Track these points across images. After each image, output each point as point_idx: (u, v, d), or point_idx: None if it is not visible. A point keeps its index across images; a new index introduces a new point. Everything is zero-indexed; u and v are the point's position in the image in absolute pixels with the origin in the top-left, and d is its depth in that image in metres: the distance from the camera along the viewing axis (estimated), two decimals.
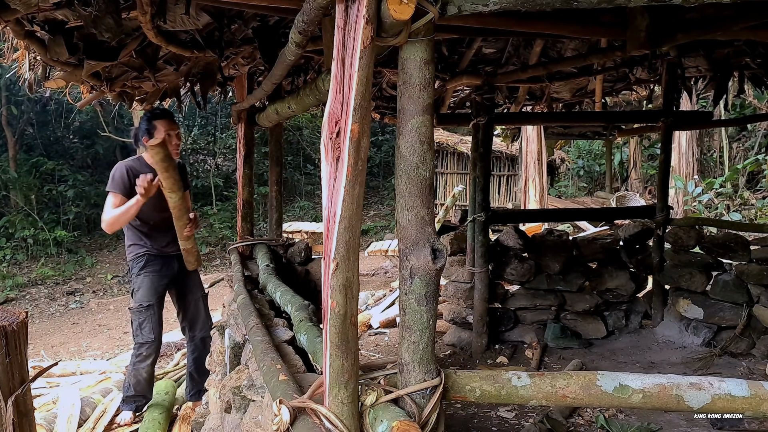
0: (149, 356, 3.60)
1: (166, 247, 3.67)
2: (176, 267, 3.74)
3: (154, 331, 3.58)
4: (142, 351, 3.58)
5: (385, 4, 1.19)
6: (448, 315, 4.53)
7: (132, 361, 3.63)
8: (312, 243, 6.79)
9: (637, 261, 4.46)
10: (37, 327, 8.63)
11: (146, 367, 3.61)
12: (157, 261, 3.64)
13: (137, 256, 3.64)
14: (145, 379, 3.65)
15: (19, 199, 13.47)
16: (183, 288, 3.81)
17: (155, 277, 3.63)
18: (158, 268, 3.64)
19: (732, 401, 1.39)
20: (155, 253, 3.65)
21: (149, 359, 3.60)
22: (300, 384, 1.63)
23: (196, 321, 3.83)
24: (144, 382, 3.65)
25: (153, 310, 3.58)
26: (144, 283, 3.60)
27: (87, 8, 2.06)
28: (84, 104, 3.99)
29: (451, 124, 6.34)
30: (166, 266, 3.69)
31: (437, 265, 1.28)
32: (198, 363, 3.78)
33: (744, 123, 10.14)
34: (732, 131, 12.80)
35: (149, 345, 3.58)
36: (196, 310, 3.84)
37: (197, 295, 3.85)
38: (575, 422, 3.06)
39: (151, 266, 3.62)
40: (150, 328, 3.57)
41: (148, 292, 3.59)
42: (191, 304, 3.83)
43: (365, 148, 1.28)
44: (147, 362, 3.60)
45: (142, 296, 3.58)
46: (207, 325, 3.82)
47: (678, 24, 2.55)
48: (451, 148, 13.73)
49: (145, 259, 3.62)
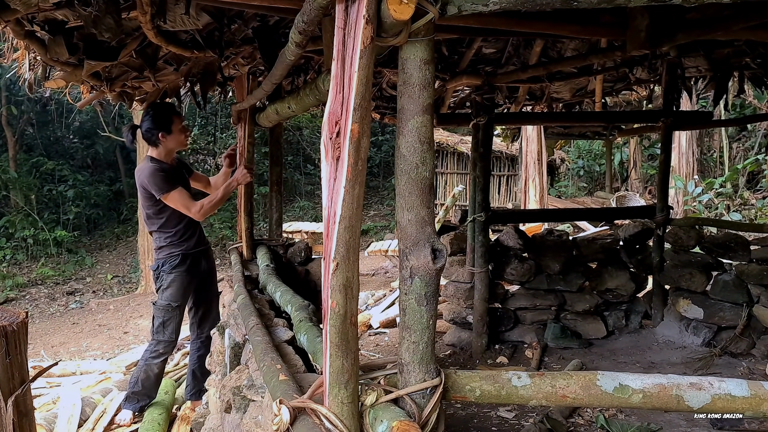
0: (164, 354, 3.64)
1: (195, 245, 3.70)
2: (204, 265, 3.78)
3: (176, 332, 3.63)
4: (159, 348, 3.61)
5: (385, 4, 1.19)
6: (448, 315, 4.54)
7: (145, 356, 3.64)
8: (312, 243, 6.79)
9: (637, 261, 4.46)
10: (37, 327, 8.63)
11: (159, 364, 3.64)
12: (190, 260, 3.65)
13: (171, 255, 3.63)
14: (156, 375, 3.66)
15: (19, 199, 13.47)
16: (204, 286, 3.82)
17: (186, 277, 3.63)
18: (191, 268, 3.65)
19: (732, 401, 1.39)
20: (189, 252, 3.66)
21: (163, 357, 3.64)
22: (300, 384, 1.63)
23: (206, 319, 3.84)
24: (153, 378, 3.66)
25: (179, 311, 3.63)
26: (175, 282, 3.60)
27: (87, 8, 2.06)
28: (84, 104, 3.99)
29: (451, 124, 6.34)
30: (196, 265, 3.71)
31: (437, 265, 1.28)
32: (201, 361, 3.76)
33: (744, 123, 10.14)
34: (732, 131, 12.79)
35: (167, 344, 3.62)
36: (208, 309, 3.86)
37: (215, 292, 3.89)
38: (575, 422, 3.06)
39: (184, 266, 3.62)
40: (173, 329, 3.60)
41: (178, 292, 3.60)
42: (207, 302, 3.85)
43: (365, 148, 1.28)
44: (160, 359, 3.63)
45: (171, 295, 3.59)
46: (215, 323, 3.80)
47: (678, 24, 2.55)
48: (451, 148, 13.73)
49: (179, 258, 3.61)
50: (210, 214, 3.64)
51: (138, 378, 3.65)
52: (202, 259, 3.78)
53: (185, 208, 3.51)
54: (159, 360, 3.62)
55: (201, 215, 3.54)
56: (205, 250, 3.82)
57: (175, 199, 3.48)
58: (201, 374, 3.78)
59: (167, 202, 3.50)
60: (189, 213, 3.52)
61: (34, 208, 13.35)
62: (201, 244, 3.76)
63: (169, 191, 3.46)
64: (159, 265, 3.66)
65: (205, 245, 3.82)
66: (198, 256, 3.73)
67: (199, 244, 3.73)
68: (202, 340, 3.82)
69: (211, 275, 3.89)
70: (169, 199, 3.48)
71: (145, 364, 3.62)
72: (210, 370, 3.18)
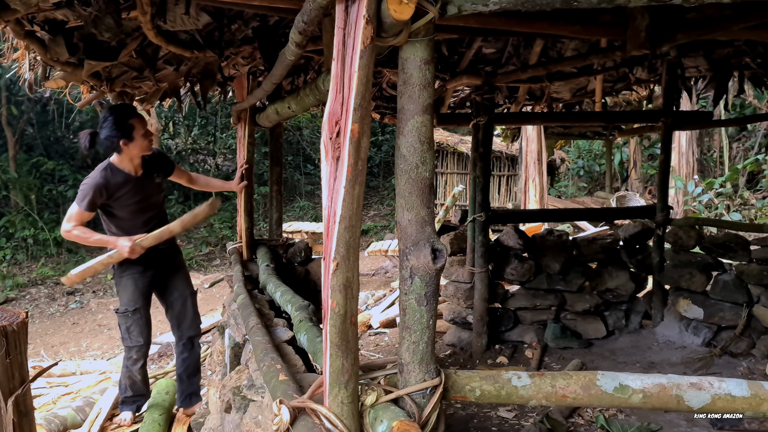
0: (140, 359, 3.56)
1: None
2: (162, 264, 3.58)
3: (143, 334, 3.50)
4: (132, 354, 3.53)
5: (385, 4, 1.19)
6: (448, 315, 4.53)
7: (124, 364, 3.60)
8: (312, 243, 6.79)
9: (637, 261, 4.46)
10: (37, 327, 8.63)
11: (139, 369, 3.59)
12: (141, 261, 3.43)
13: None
14: (141, 380, 3.63)
15: (19, 199, 13.47)
16: (167, 285, 3.65)
17: (138, 278, 3.47)
18: (141, 268, 3.47)
19: (732, 401, 1.39)
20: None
21: (140, 361, 3.57)
22: (300, 384, 1.63)
23: (183, 319, 3.67)
24: (140, 382, 3.63)
25: (140, 314, 3.47)
26: (128, 286, 3.46)
27: (87, 8, 2.06)
28: (84, 104, 3.99)
29: (451, 124, 6.33)
30: (149, 264, 3.50)
31: (437, 265, 1.28)
32: (186, 364, 3.68)
33: (744, 123, 10.13)
34: (732, 131, 12.79)
35: (138, 348, 3.52)
36: (183, 309, 3.66)
37: (185, 292, 3.67)
38: (575, 422, 3.06)
39: (133, 267, 3.45)
40: (138, 332, 3.48)
41: (133, 295, 3.45)
42: (178, 301, 3.66)
43: (365, 148, 1.28)
44: (138, 365, 3.57)
45: (127, 300, 3.46)
46: (195, 324, 3.70)
47: (678, 24, 2.55)
48: (451, 148, 13.72)
49: (126, 261, 3.40)
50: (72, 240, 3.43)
51: (125, 385, 3.63)
52: (159, 258, 3.53)
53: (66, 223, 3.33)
54: (137, 366, 3.56)
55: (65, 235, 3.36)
56: (163, 251, 3.55)
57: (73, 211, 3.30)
58: (187, 378, 3.69)
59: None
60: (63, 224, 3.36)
61: (34, 208, 13.35)
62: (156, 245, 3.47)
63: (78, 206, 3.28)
64: (112, 269, 3.52)
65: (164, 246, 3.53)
66: (151, 256, 3.46)
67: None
68: (183, 342, 3.69)
69: (176, 273, 3.67)
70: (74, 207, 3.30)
71: (126, 371, 3.59)
72: (200, 371, 3.14)
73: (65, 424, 3.66)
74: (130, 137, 3.30)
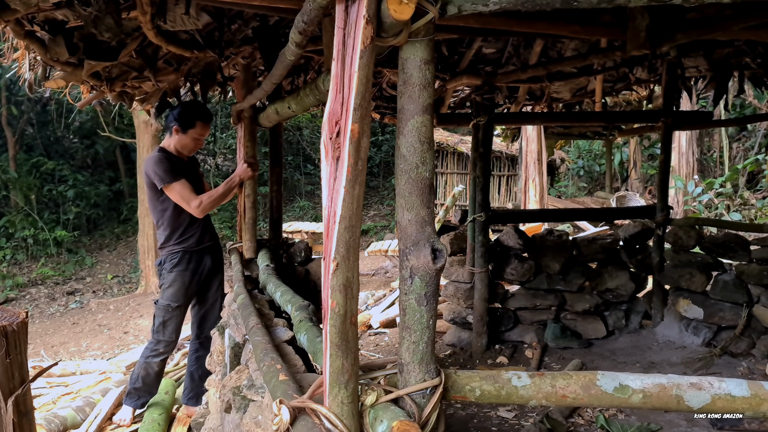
0: (164, 354, 3.61)
1: (198, 242, 3.62)
2: (209, 263, 3.70)
3: (176, 332, 3.58)
4: (159, 348, 3.58)
5: (385, 4, 1.19)
6: (448, 315, 4.54)
7: (145, 354, 3.62)
8: (312, 243, 6.79)
9: (637, 261, 4.46)
10: (37, 327, 8.64)
11: (158, 363, 3.62)
12: (193, 258, 3.59)
13: (171, 253, 3.57)
14: (156, 373, 3.65)
15: (19, 199, 13.48)
16: (209, 285, 3.75)
17: (188, 276, 3.57)
18: (193, 267, 3.59)
19: (732, 401, 1.39)
20: (191, 250, 3.59)
21: (162, 356, 3.61)
22: (300, 384, 1.63)
23: (208, 319, 3.77)
24: (154, 375, 3.64)
25: (180, 311, 3.57)
26: (176, 282, 3.54)
27: (87, 8, 2.06)
28: (84, 104, 3.99)
29: (451, 124, 6.33)
30: (200, 263, 3.63)
31: (437, 265, 1.28)
32: (200, 362, 3.72)
33: (744, 123, 10.14)
34: (732, 131, 12.79)
35: (167, 344, 3.59)
36: (211, 308, 3.78)
37: (217, 293, 3.79)
38: (575, 422, 3.06)
39: (185, 264, 3.56)
40: (173, 329, 3.56)
41: (179, 292, 3.54)
42: (209, 300, 3.77)
43: (365, 148, 1.27)
44: (159, 359, 3.61)
45: (171, 295, 3.53)
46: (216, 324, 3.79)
47: (678, 24, 2.55)
48: (451, 148, 13.73)
49: (179, 256, 3.55)
50: (209, 210, 3.55)
51: (138, 375, 3.63)
52: (207, 258, 3.69)
53: (185, 202, 3.43)
54: (158, 359, 3.60)
55: (200, 211, 3.46)
56: (210, 247, 3.72)
57: (176, 190, 3.41)
58: (198, 377, 3.72)
59: (168, 194, 3.43)
60: (188, 207, 3.45)
61: (34, 208, 13.36)
62: (206, 242, 3.67)
63: (171, 182, 3.40)
64: (161, 261, 3.62)
65: (211, 242, 3.73)
66: (201, 254, 3.64)
67: (203, 241, 3.64)
68: (201, 340, 3.76)
69: (217, 274, 3.80)
70: (171, 189, 3.41)
71: (144, 362, 3.60)
72: (209, 370, 3.17)
73: (65, 424, 3.66)
74: (184, 129, 3.56)
